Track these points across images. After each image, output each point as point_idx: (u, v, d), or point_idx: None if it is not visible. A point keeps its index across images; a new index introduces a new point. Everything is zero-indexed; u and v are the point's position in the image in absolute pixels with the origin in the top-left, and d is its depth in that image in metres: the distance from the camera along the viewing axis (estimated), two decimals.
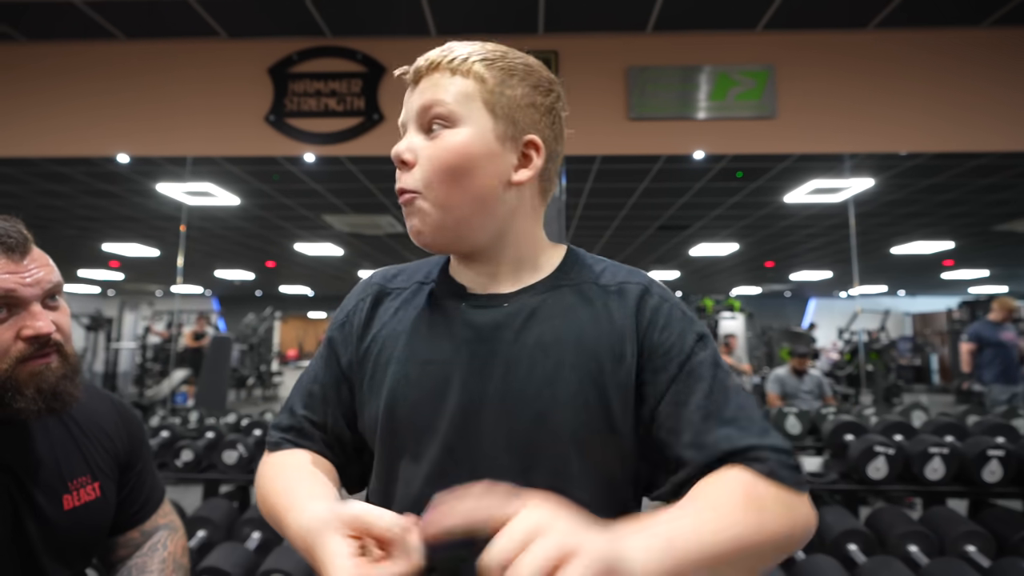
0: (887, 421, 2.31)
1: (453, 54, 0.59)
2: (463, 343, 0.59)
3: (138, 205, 5.09)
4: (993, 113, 2.52)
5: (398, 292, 0.67)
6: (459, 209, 0.58)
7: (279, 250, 7.65)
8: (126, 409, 0.93)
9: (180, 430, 2.35)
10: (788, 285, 11.42)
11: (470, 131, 0.57)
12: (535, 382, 0.56)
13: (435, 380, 0.59)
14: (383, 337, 0.63)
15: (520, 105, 0.59)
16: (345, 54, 2.64)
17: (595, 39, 2.62)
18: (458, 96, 0.57)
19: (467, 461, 0.56)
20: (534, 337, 0.58)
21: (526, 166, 0.60)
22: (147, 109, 2.63)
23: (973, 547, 1.84)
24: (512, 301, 0.61)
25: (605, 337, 0.58)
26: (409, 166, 0.58)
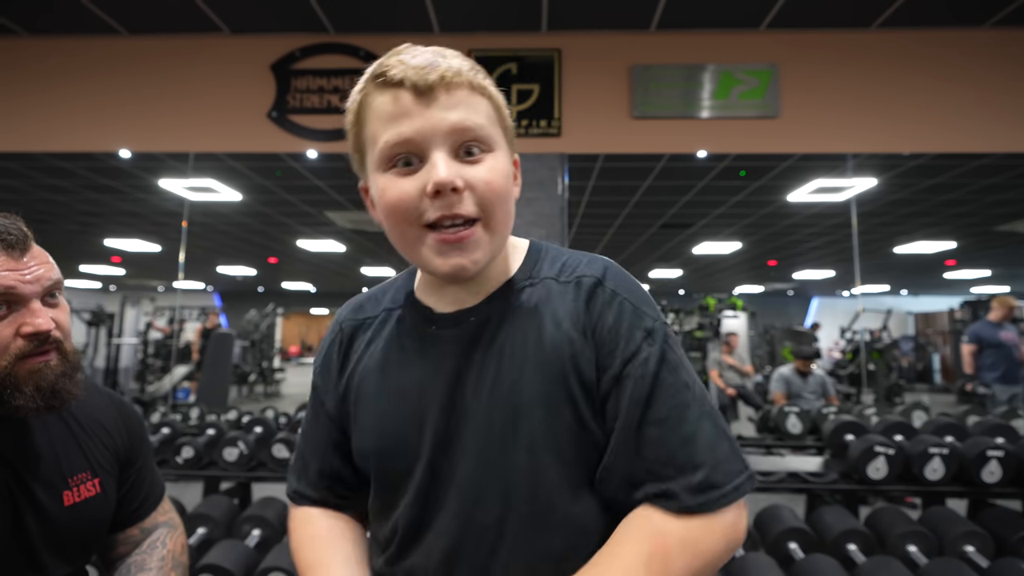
0: (887, 421, 2.31)
1: (466, 66, 0.55)
2: (435, 367, 0.59)
3: (140, 201, 5.10)
4: (996, 114, 2.51)
5: (368, 323, 0.67)
6: (504, 233, 0.58)
7: (281, 246, 7.65)
8: (126, 406, 0.93)
9: (181, 427, 2.36)
10: (791, 284, 11.40)
11: (502, 155, 0.56)
12: (503, 390, 0.56)
13: (412, 408, 0.59)
14: (360, 373, 0.64)
15: (510, 126, 0.59)
16: (348, 51, 2.63)
17: (598, 37, 2.61)
18: (488, 118, 0.55)
19: (451, 482, 0.57)
20: (499, 346, 0.58)
21: (516, 183, 0.60)
22: (149, 105, 2.63)
23: (972, 547, 1.84)
24: (477, 314, 0.60)
25: (564, 334, 0.57)
26: (459, 192, 0.53)
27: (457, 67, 0.54)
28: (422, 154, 0.54)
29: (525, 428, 0.55)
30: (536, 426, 0.55)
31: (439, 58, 0.54)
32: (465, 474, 0.57)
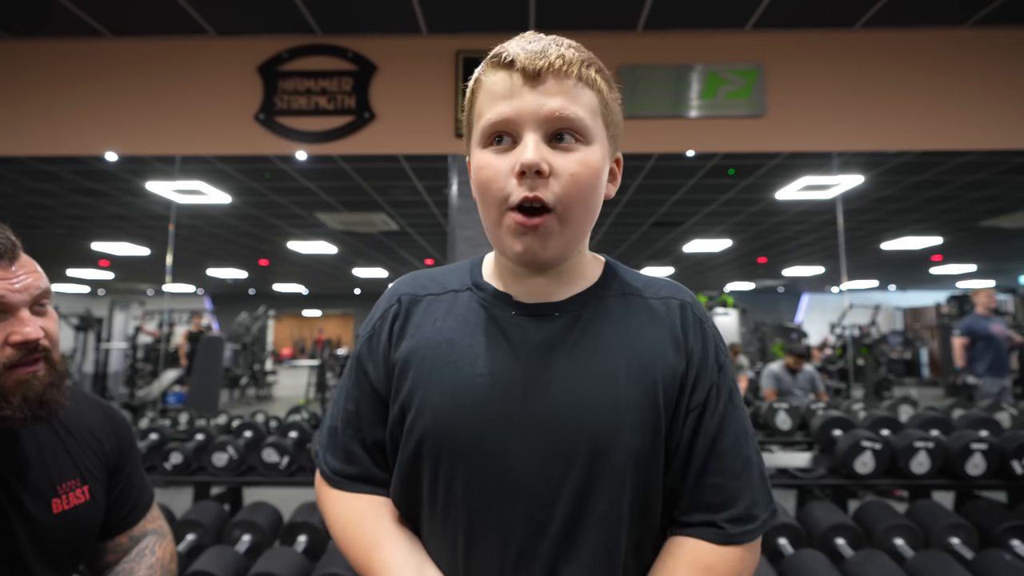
0: (874, 416, 2.34)
1: (579, 57, 0.55)
2: (517, 356, 0.57)
3: (128, 204, 5.06)
4: (977, 111, 2.54)
5: (431, 300, 0.64)
6: (581, 230, 0.58)
7: (272, 248, 7.61)
8: (114, 412, 0.93)
9: (170, 432, 2.35)
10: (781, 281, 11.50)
11: (599, 149, 0.56)
12: (593, 397, 0.56)
13: (486, 394, 0.57)
14: (420, 348, 0.60)
15: (619, 122, 0.59)
16: (335, 52, 2.63)
17: (586, 38, 2.59)
18: (591, 111, 0.55)
19: (519, 479, 0.55)
20: (588, 351, 0.58)
21: (613, 181, 0.61)
22: (135, 108, 2.61)
23: (957, 539, 1.87)
24: (563, 311, 0.60)
25: (658, 351, 0.58)
26: (544, 177, 0.53)
27: (569, 57, 0.54)
28: (517, 135, 0.54)
29: (614, 446, 0.55)
30: (625, 447, 0.55)
31: (554, 46, 0.54)
32: (536, 475, 0.55)
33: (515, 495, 0.55)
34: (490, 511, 0.55)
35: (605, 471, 0.55)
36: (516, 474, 0.55)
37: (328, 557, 1.76)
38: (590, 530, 0.55)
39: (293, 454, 2.10)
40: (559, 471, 0.55)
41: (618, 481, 0.55)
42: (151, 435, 2.28)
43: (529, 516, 0.55)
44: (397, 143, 2.61)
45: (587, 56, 0.56)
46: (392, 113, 2.60)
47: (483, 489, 0.56)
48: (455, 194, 2.65)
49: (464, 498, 0.56)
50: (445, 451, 0.57)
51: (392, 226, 6.14)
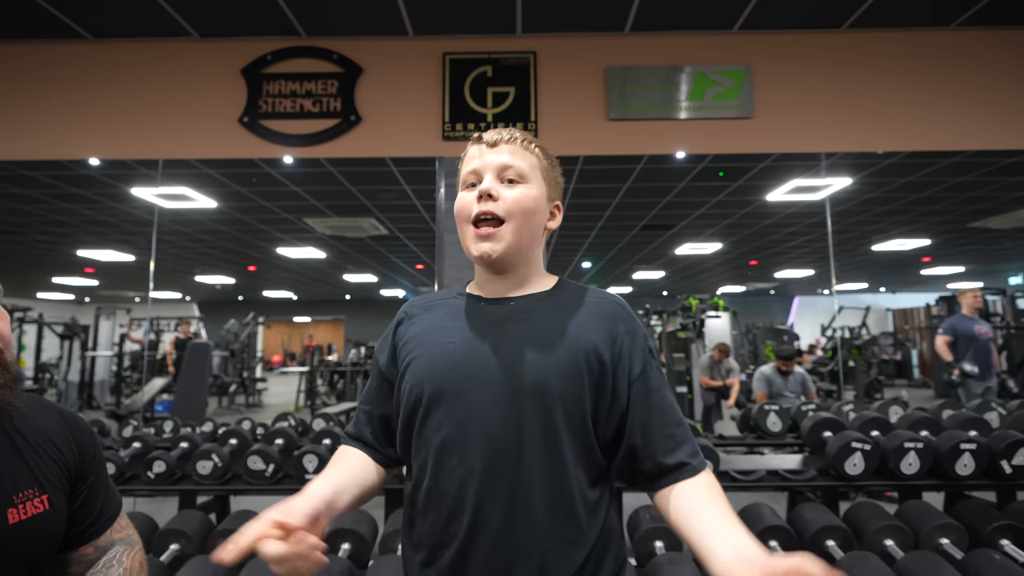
0: (864, 417, 2.33)
1: (523, 136, 0.88)
2: (477, 330, 0.83)
3: (111, 210, 4.99)
4: (963, 113, 2.56)
5: (428, 307, 0.91)
6: (523, 239, 0.85)
7: (260, 254, 7.55)
8: (75, 419, 0.90)
9: (153, 440, 2.30)
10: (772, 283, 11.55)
11: (535, 189, 0.87)
12: (534, 354, 0.79)
13: (454, 357, 0.81)
14: (413, 337, 0.87)
15: (555, 180, 0.92)
16: (321, 54, 2.60)
17: (573, 39, 2.61)
18: (529, 165, 0.87)
19: (479, 418, 0.77)
20: (533, 323, 0.83)
21: (553, 219, 0.92)
22: (116, 111, 2.57)
23: (947, 540, 1.86)
24: (517, 301, 0.86)
25: (590, 330, 0.82)
26: (495, 199, 0.83)
27: (516, 135, 0.88)
28: (480, 179, 0.86)
29: (547, 387, 0.77)
30: (555, 386, 0.77)
31: (508, 130, 0.87)
32: (491, 417, 0.77)
33: (474, 424, 0.77)
34: (455, 436, 0.77)
35: (540, 408, 0.77)
36: (475, 409, 0.77)
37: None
38: (536, 453, 0.76)
39: (279, 462, 2.05)
40: (505, 406, 0.77)
41: (551, 416, 0.77)
42: (134, 444, 2.23)
43: (486, 439, 0.76)
44: (384, 146, 2.58)
45: (531, 138, 0.90)
46: (379, 116, 2.58)
47: (450, 421, 0.78)
48: (443, 197, 2.63)
49: (436, 428, 0.79)
50: (425, 395, 0.80)
51: (381, 230, 6.11)
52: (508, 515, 0.74)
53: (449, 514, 0.76)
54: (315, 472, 2.01)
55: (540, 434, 0.76)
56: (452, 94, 2.56)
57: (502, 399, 0.77)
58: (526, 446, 0.76)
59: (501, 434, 0.76)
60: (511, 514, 0.74)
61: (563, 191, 0.94)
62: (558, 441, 0.76)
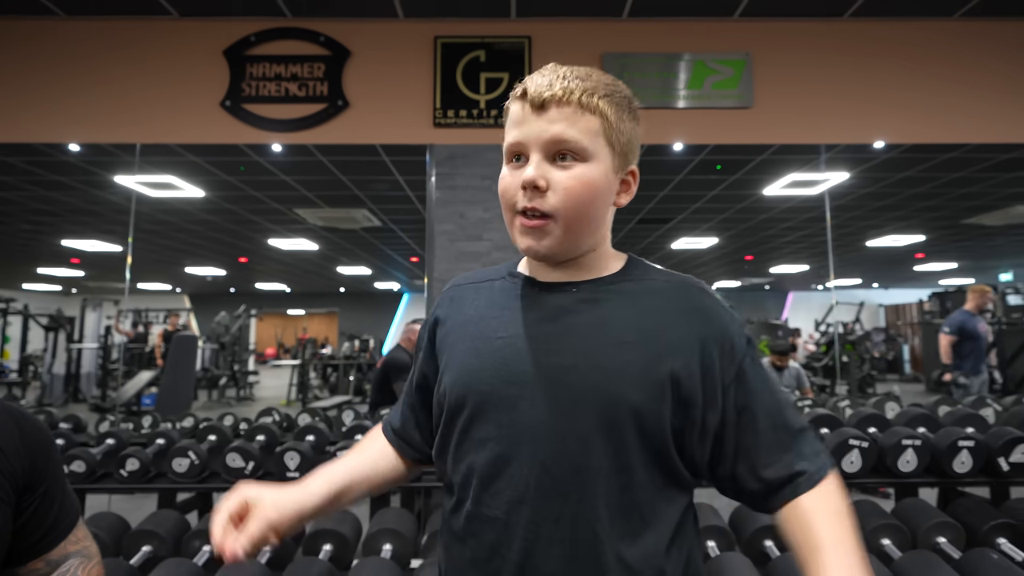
0: (861, 413, 2.29)
1: (581, 87, 0.63)
2: (533, 321, 0.67)
3: (94, 197, 4.87)
4: (963, 105, 2.51)
5: (473, 287, 0.76)
6: (580, 232, 0.66)
7: (252, 245, 7.44)
8: (28, 422, 0.82)
9: (128, 436, 2.22)
10: (767, 278, 11.55)
11: (599, 167, 0.65)
12: (602, 352, 0.63)
13: (503, 356, 0.66)
14: (457, 324, 0.73)
15: (630, 139, 0.67)
16: (307, 36, 2.51)
17: (569, 24, 2.54)
18: (589, 133, 0.64)
19: (531, 435, 0.63)
20: (601, 317, 0.66)
21: (626, 191, 0.70)
22: (90, 93, 2.47)
23: (944, 539, 1.82)
24: (580, 288, 0.68)
25: (673, 328, 0.65)
26: (542, 191, 0.64)
27: (572, 87, 0.63)
28: (526, 154, 0.65)
29: (612, 395, 0.62)
30: (624, 396, 0.62)
31: (560, 80, 0.63)
32: (545, 425, 0.62)
33: (526, 442, 0.63)
34: (502, 455, 0.64)
35: (607, 425, 0.61)
36: (526, 420, 0.63)
37: (294, 567, 1.66)
38: (602, 483, 0.61)
39: (259, 459, 1.98)
40: (565, 420, 0.62)
41: (622, 436, 0.61)
42: (107, 440, 2.15)
43: (539, 461, 0.62)
44: (373, 133, 2.50)
45: (593, 84, 0.64)
46: (367, 101, 2.49)
47: (497, 435, 0.64)
48: (433, 187, 2.55)
49: (480, 442, 0.65)
50: (469, 401, 0.67)
51: (375, 222, 6.02)
52: (567, 557, 0.61)
53: (491, 551, 0.64)
54: (296, 470, 1.94)
55: (607, 459, 0.61)
56: (444, 79, 2.49)
57: (560, 412, 0.62)
58: (590, 474, 0.61)
59: (558, 457, 0.61)
60: (571, 556, 0.61)
61: (638, 146, 0.70)
62: (630, 468, 0.62)
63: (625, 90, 0.67)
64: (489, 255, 2.43)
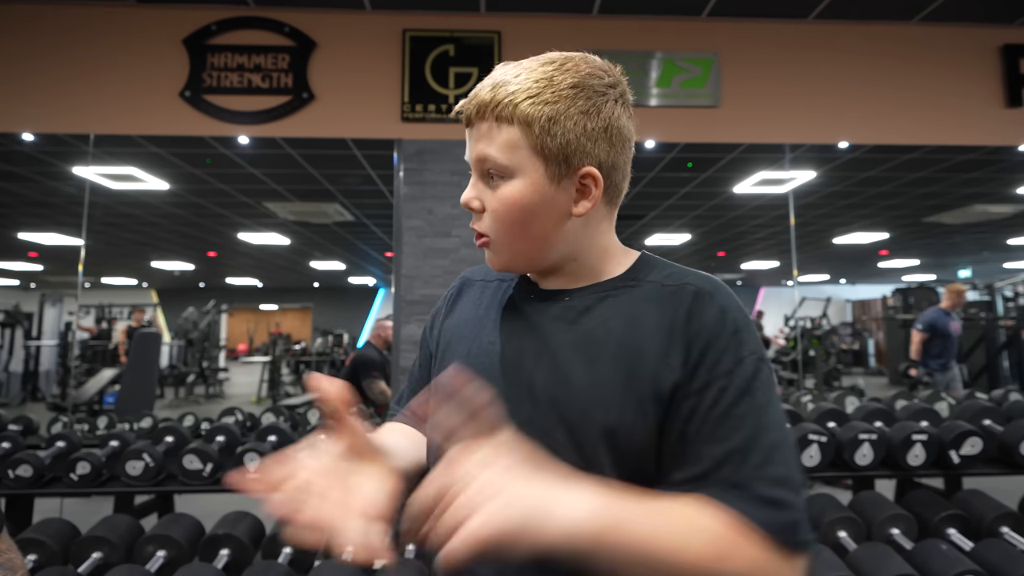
0: (821, 408, 2.35)
1: (498, 95, 0.58)
2: (520, 331, 0.64)
3: (52, 190, 4.69)
4: (921, 108, 2.58)
5: (482, 284, 0.74)
6: (525, 249, 0.63)
7: (221, 239, 7.25)
8: None
9: (80, 439, 2.14)
10: (739, 274, 11.76)
11: (522, 182, 0.59)
12: (574, 370, 0.59)
13: (490, 362, 0.64)
14: (459, 321, 0.71)
15: (570, 140, 0.59)
16: (271, 26, 2.45)
17: (539, 20, 2.52)
18: (507, 147, 0.59)
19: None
20: (584, 329, 0.61)
21: (585, 196, 0.61)
22: (42, 81, 2.37)
23: (897, 530, 1.88)
24: (575, 297, 0.64)
25: (651, 333, 0.59)
26: (479, 212, 0.62)
27: (486, 99, 0.59)
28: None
29: (582, 411, 0.58)
30: (598, 417, 0.57)
31: (485, 89, 0.59)
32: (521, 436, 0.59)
33: None
34: None
35: (578, 442, 0.57)
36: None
37: (251, 571, 1.62)
38: None
39: (218, 461, 1.94)
40: (537, 435, 0.57)
41: (593, 456, 0.57)
42: (57, 443, 2.07)
43: None
44: (339, 126, 2.46)
45: (515, 89, 0.58)
46: (333, 94, 2.44)
47: None
48: (401, 182, 2.52)
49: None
50: None
51: (347, 216, 5.92)
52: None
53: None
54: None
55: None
56: (412, 73, 2.45)
57: (532, 427, 0.58)
58: None
59: None
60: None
61: (608, 134, 0.60)
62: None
63: (571, 80, 0.58)
64: (457, 251, 2.41)
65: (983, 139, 2.65)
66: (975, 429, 2.13)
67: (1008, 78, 2.60)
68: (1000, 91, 2.62)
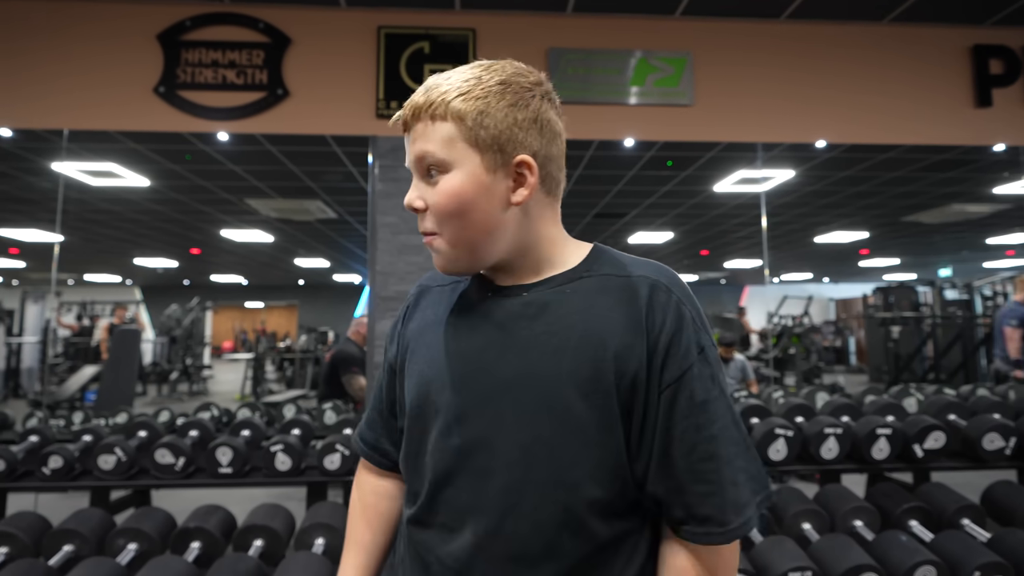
0: (790, 404, 2.39)
1: (431, 97, 0.62)
2: (484, 331, 0.66)
3: (30, 185, 4.63)
4: (894, 108, 2.63)
5: (438, 289, 0.75)
6: (469, 242, 0.65)
7: (204, 236, 7.19)
8: None
9: (53, 433, 2.14)
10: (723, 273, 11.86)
11: (460, 173, 0.62)
12: (540, 365, 0.61)
13: (454, 364, 0.66)
14: (418, 330, 0.72)
15: (501, 131, 0.62)
16: (245, 22, 2.44)
17: (514, 18, 2.54)
18: (444, 142, 0.62)
19: (483, 437, 0.62)
20: (545, 324, 0.63)
21: (522, 185, 0.64)
22: (15, 77, 2.34)
23: (860, 522, 1.93)
24: (532, 291, 0.66)
25: (612, 324, 0.61)
26: (422, 212, 0.65)
27: (419, 102, 0.63)
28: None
29: (552, 401, 0.60)
30: (562, 402, 0.60)
31: (418, 95, 0.64)
32: (496, 436, 0.62)
33: (471, 452, 0.63)
34: (449, 466, 0.64)
35: (548, 436, 0.60)
36: (472, 433, 0.63)
37: (221, 563, 1.63)
38: (537, 489, 0.60)
39: (190, 455, 1.94)
40: (505, 433, 0.61)
41: (560, 445, 0.60)
42: (31, 437, 2.06)
43: (481, 472, 0.62)
44: (314, 123, 2.46)
45: (445, 89, 0.62)
46: (308, 90, 2.44)
47: (444, 445, 0.64)
48: (376, 179, 2.53)
49: (432, 452, 0.65)
50: (423, 411, 0.67)
51: (329, 214, 5.91)
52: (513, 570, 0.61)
53: (439, 560, 0.64)
54: (229, 466, 1.91)
55: (549, 472, 0.60)
56: (387, 70, 2.45)
57: (502, 424, 0.61)
58: (536, 487, 0.60)
59: (503, 470, 0.61)
60: (516, 568, 0.61)
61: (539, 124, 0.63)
62: (576, 486, 0.60)
63: (498, 78, 0.62)
64: None
65: (955, 139, 2.70)
66: (938, 424, 2.17)
67: (978, 79, 2.66)
68: (971, 91, 2.67)
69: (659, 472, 0.61)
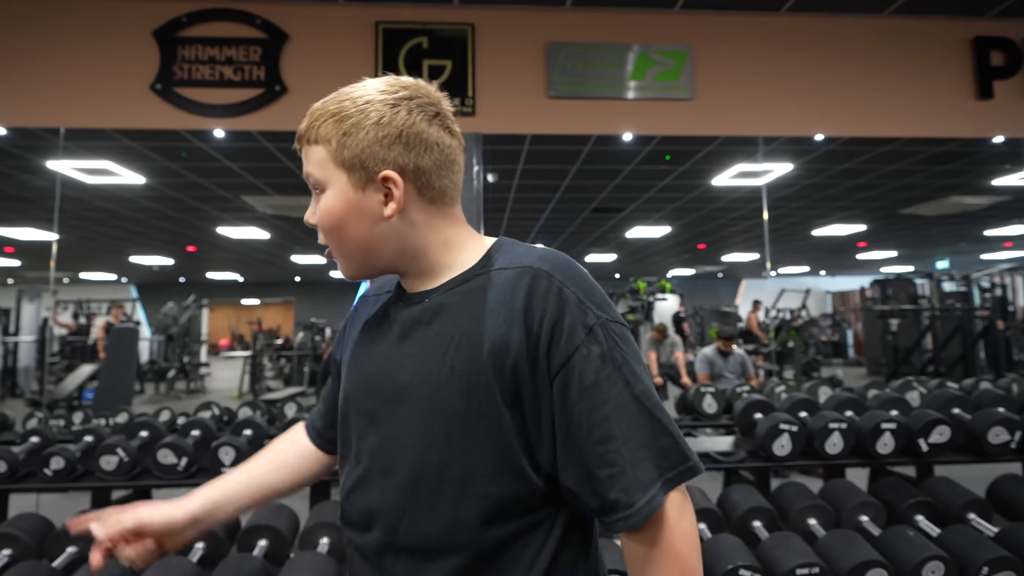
0: (794, 398, 2.39)
1: (309, 122, 0.67)
2: (391, 338, 0.69)
3: (26, 184, 4.59)
4: (893, 101, 2.61)
5: (374, 299, 0.78)
6: (353, 254, 0.69)
7: (199, 234, 7.16)
8: None
9: (54, 434, 2.12)
10: (720, 266, 11.87)
11: (332, 192, 0.66)
12: (434, 369, 0.63)
13: (370, 370, 0.70)
14: (353, 337, 0.77)
15: (363, 149, 0.64)
16: (242, 18, 2.41)
17: (513, 12, 2.51)
18: (319, 164, 0.66)
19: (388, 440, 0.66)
20: (438, 328, 0.65)
21: (391, 199, 0.65)
22: (10, 74, 2.31)
23: (866, 517, 1.93)
24: (432, 296, 0.68)
25: (493, 318, 0.62)
26: (315, 227, 0.70)
27: (301, 130, 0.68)
28: None
29: (439, 405, 0.63)
30: (447, 405, 0.62)
31: (303, 123, 0.68)
32: (384, 442, 0.66)
33: (375, 456, 0.66)
34: (364, 469, 0.67)
35: (439, 436, 0.62)
36: (378, 434, 0.67)
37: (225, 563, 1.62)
38: (432, 487, 0.63)
39: (192, 455, 1.93)
40: (404, 435, 0.64)
41: (451, 444, 0.62)
42: (32, 438, 2.04)
43: (386, 470, 0.65)
44: None
45: (319, 114, 0.66)
46: (306, 87, 2.41)
47: (359, 446, 0.69)
48: None
49: (354, 454, 0.70)
50: (347, 414, 0.72)
51: None
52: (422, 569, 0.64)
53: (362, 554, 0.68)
54: (232, 466, 1.90)
55: (446, 474, 0.62)
56: (385, 66, 2.43)
57: (404, 427, 0.64)
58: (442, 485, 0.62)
59: (406, 471, 0.64)
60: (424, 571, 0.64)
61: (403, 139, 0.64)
62: (469, 483, 0.61)
63: (360, 100, 0.64)
64: None
65: (955, 131, 2.69)
66: (943, 417, 2.17)
67: (979, 71, 2.64)
68: (971, 84, 2.66)
69: (566, 462, 0.61)
